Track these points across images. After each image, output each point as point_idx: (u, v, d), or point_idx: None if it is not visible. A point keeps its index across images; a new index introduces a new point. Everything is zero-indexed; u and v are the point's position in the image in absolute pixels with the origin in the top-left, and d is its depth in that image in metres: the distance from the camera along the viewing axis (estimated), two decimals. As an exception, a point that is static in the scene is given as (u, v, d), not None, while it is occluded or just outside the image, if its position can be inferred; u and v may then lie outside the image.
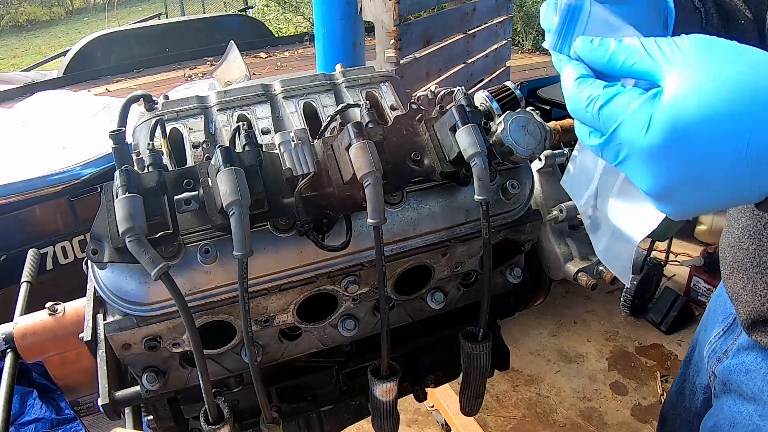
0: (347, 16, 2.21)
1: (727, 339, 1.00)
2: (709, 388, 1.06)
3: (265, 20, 8.05)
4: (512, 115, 0.79)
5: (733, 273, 0.90)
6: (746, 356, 0.93)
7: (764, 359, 0.89)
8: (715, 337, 1.03)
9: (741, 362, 0.93)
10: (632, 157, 0.50)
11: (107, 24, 12.30)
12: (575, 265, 0.97)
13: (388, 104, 0.97)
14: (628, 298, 3.19)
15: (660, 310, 3.17)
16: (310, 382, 1.02)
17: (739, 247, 0.88)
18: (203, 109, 0.94)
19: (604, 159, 0.54)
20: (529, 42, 6.74)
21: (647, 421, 2.67)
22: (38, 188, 2.37)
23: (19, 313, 0.99)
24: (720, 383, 0.99)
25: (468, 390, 0.94)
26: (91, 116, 2.97)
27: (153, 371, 0.80)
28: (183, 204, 0.69)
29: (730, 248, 0.91)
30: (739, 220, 0.88)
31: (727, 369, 0.96)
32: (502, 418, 2.69)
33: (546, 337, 3.18)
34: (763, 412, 0.87)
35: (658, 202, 0.53)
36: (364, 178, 0.69)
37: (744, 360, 0.93)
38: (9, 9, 15.41)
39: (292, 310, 0.82)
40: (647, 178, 0.50)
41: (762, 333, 0.86)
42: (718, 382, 0.99)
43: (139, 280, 0.71)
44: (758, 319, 0.86)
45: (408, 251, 0.83)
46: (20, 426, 2.19)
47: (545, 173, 1.03)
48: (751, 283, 0.86)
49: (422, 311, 0.94)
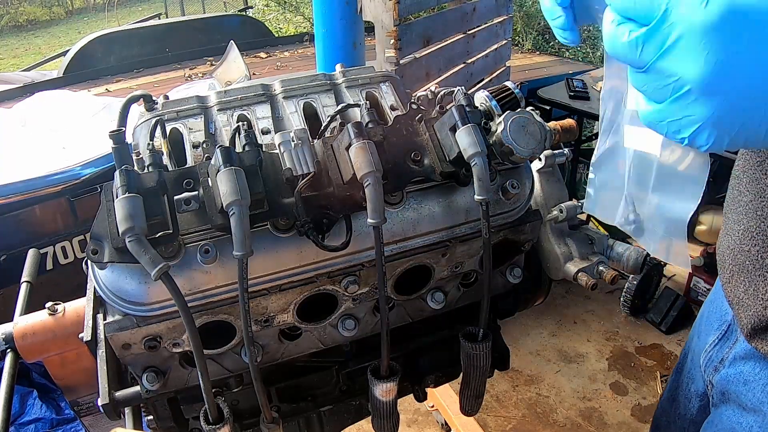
0: (347, 16, 2.21)
1: (722, 347, 0.97)
2: (706, 395, 1.04)
3: (265, 20, 8.05)
4: (512, 115, 0.79)
5: (734, 276, 0.88)
6: (744, 366, 0.91)
7: (763, 369, 0.87)
8: (711, 346, 1.00)
9: (739, 372, 0.91)
10: (686, 37, 0.46)
11: (107, 24, 12.30)
12: (575, 265, 0.97)
13: (388, 104, 0.97)
14: (628, 298, 3.19)
15: (660, 310, 3.17)
16: (310, 382, 1.02)
17: (740, 249, 0.86)
18: (203, 109, 0.94)
19: (641, 57, 0.49)
20: (529, 42, 6.74)
21: (647, 421, 2.67)
22: (38, 188, 2.37)
23: (19, 313, 0.99)
24: (718, 393, 0.97)
25: (468, 390, 0.95)
26: (91, 116, 2.97)
27: (153, 371, 0.80)
28: (183, 204, 0.69)
29: (730, 251, 0.89)
30: (739, 222, 0.86)
31: (725, 379, 0.94)
32: (502, 418, 2.69)
33: (546, 337, 3.18)
34: (763, 423, 0.85)
35: (706, 97, 0.48)
36: (364, 178, 0.69)
37: (742, 370, 0.91)
38: (9, 9, 15.41)
39: (292, 310, 0.82)
40: (699, 60, 0.46)
41: (762, 341, 0.84)
42: (716, 392, 0.97)
43: (139, 280, 0.71)
44: (759, 325, 0.84)
45: (408, 251, 0.83)
46: (20, 426, 2.19)
47: (545, 173, 1.03)
48: (753, 287, 0.84)
49: (422, 311, 0.94)
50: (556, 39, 5.07)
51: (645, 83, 0.51)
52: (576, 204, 1.00)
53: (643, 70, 0.50)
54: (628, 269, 0.98)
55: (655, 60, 0.48)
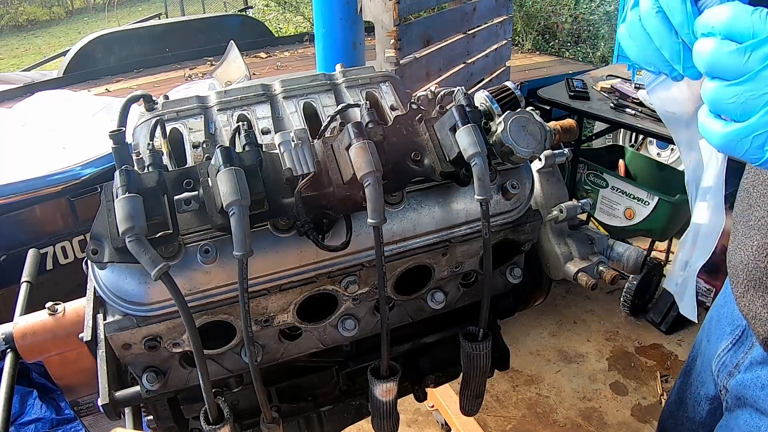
0: (347, 16, 2.20)
1: (737, 352, 0.97)
2: (717, 399, 1.04)
3: (265, 20, 8.04)
4: (512, 115, 0.79)
5: (749, 291, 0.88)
6: (761, 371, 0.91)
7: None
8: (724, 351, 1.00)
9: (756, 377, 0.91)
10: None
11: (107, 24, 12.29)
12: (575, 265, 0.97)
13: (388, 104, 0.97)
14: (628, 298, 3.19)
15: (660, 310, 3.17)
16: (310, 382, 1.02)
17: (755, 265, 0.86)
18: (203, 109, 0.94)
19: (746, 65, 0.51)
20: (529, 42, 6.74)
21: (647, 421, 2.67)
22: (38, 188, 2.36)
23: (19, 313, 0.99)
24: (733, 397, 0.97)
25: (468, 390, 0.95)
26: (91, 116, 2.96)
27: (153, 371, 0.80)
28: (183, 204, 0.69)
29: (744, 266, 0.89)
30: (752, 237, 0.86)
31: (741, 384, 0.94)
32: (502, 418, 2.69)
33: (546, 337, 3.18)
34: None
35: None
36: (364, 178, 0.69)
37: (759, 375, 0.91)
38: (9, 9, 15.40)
39: (292, 310, 0.82)
40: None
41: None
42: (731, 397, 0.98)
43: (139, 280, 0.71)
44: None
45: (408, 251, 0.83)
46: (20, 426, 2.19)
47: (545, 173, 1.03)
48: None
49: (422, 311, 0.94)
50: (556, 39, 5.04)
51: (736, 96, 0.53)
52: (576, 204, 1.00)
53: (742, 80, 0.52)
54: (628, 269, 0.98)
55: (761, 68, 0.51)
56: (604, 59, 6.37)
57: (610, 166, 3.37)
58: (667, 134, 2.65)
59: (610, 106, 2.95)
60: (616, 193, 3.12)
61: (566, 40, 7.11)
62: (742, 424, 0.94)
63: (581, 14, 7.04)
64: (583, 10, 7.04)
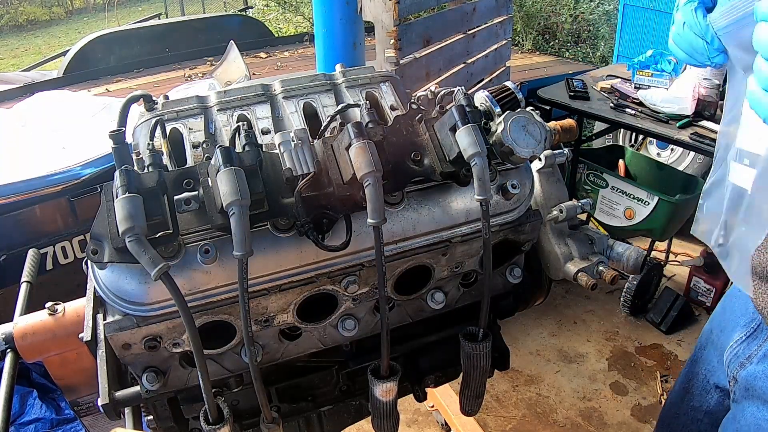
0: (347, 16, 2.20)
1: (750, 344, 0.99)
2: (725, 389, 1.05)
3: (265, 20, 8.04)
4: (512, 115, 0.79)
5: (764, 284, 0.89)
6: None
7: None
8: (737, 342, 1.02)
9: (767, 369, 0.93)
10: None
11: (107, 24, 12.28)
12: (575, 265, 0.97)
13: (388, 104, 0.97)
14: (628, 298, 3.19)
15: (660, 310, 3.17)
16: (310, 382, 1.02)
17: None
18: (203, 109, 0.94)
19: None
20: (529, 42, 6.74)
21: (647, 421, 2.67)
22: (38, 188, 2.36)
23: (19, 313, 0.99)
24: (741, 388, 0.98)
25: (468, 390, 0.95)
26: (91, 116, 2.96)
27: (153, 371, 0.80)
28: (183, 204, 0.69)
29: None
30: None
31: (752, 375, 0.95)
32: (502, 418, 2.69)
33: (546, 337, 3.18)
34: None
35: None
36: (364, 178, 0.69)
37: None
38: (9, 9, 15.39)
39: (292, 310, 0.82)
40: None
41: None
42: (740, 387, 0.99)
43: (139, 280, 0.71)
44: None
45: (408, 251, 0.83)
46: (20, 426, 2.19)
47: (545, 173, 1.03)
48: None
49: (422, 311, 0.94)
50: (556, 39, 5.06)
51: None
52: (576, 204, 1.00)
53: None
54: (628, 269, 0.98)
55: None
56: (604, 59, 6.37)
57: (610, 166, 3.37)
58: (667, 134, 2.65)
59: (610, 106, 2.95)
60: (616, 193, 3.12)
61: (566, 40, 7.11)
62: (749, 416, 0.95)
63: (581, 14, 7.04)
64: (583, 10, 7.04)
